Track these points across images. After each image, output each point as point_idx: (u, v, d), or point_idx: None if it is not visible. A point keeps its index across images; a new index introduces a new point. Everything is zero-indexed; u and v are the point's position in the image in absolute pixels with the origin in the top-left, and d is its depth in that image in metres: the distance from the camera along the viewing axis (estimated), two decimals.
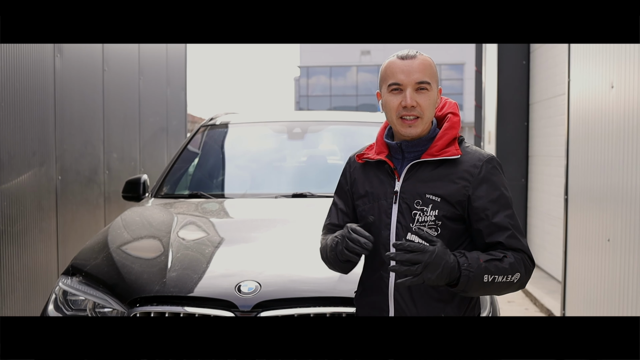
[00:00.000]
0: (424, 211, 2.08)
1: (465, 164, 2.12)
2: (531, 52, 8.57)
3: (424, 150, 2.15)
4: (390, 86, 2.12)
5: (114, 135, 6.97)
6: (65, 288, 2.89)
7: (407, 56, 2.12)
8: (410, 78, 2.09)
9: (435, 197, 2.08)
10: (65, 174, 5.69)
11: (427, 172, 2.12)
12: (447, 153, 2.11)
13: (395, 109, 2.11)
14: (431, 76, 2.12)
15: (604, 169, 4.68)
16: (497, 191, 2.10)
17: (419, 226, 2.08)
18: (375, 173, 2.21)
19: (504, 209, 2.10)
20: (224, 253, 2.98)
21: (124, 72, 7.33)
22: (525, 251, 2.10)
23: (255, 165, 4.39)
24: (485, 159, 2.13)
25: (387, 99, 2.13)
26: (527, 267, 2.10)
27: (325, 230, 2.33)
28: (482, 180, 2.10)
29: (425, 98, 2.10)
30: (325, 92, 45.99)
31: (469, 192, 2.09)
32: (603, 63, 4.73)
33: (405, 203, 2.11)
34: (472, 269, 1.97)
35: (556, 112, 7.40)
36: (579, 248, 5.24)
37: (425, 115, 2.11)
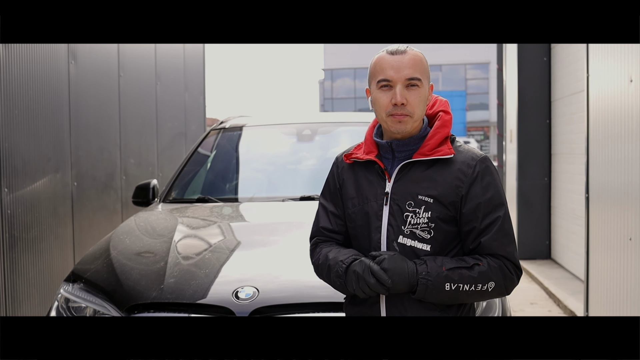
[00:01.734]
0: (416, 213, 2.01)
1: (458, 163, 2.04)
2: (552, 48, 8.42)
3: (415, 149, 2.08)
4: (380, 82, 2.04)
5: (131, 140, 6.99)
6: (66, 295, 2.87)
7: (397, 51, 2.05)
8: (400, 74, 2.02)
9: (428, 198, 2.01)
10: (81, 180, 5.70)
11: (419, 172, 2.04)
12: (440, 152, 2.04)
13: (385, 106, 2.04)
14: (422, 72, 2.05)
15: (624, 165, 4.54)
16: (489, 192, 2.03)
17: (411, 228, 2.01)
18: (364, 174, 2.13)
19: (494, 211, 2.03)
20: (223, 258, 2.93)
21: (140, 77, 7.35)
22: (508, 257, 2.02)
23: (263, 168, 4.34)
24: (479, 158, 2.06)
25: (377, 95, 2.06)
26: (507, 275, 2.01)
27: (317, 236, 2.23)
28: (476, 181, 2.02)
29: (416, 95, 2.03)
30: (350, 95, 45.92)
31: (462, 193, 2.01)
32: (621, 57, 4.60)
33: (396, 204, 2.03)
34: (430, 278, 1.94)
35: (578, 109, 7.25)
36: (601, 247, 5.11)
37: (416, 113, 2.04)
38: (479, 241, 2.01)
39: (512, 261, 2.02)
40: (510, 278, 2.01)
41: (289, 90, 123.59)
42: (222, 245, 3.10)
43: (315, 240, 2.24)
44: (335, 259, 2.07)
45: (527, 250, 8.54)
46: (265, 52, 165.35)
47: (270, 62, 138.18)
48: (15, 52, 4.52)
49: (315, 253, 2.22)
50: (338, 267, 2.04)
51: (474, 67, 41.88)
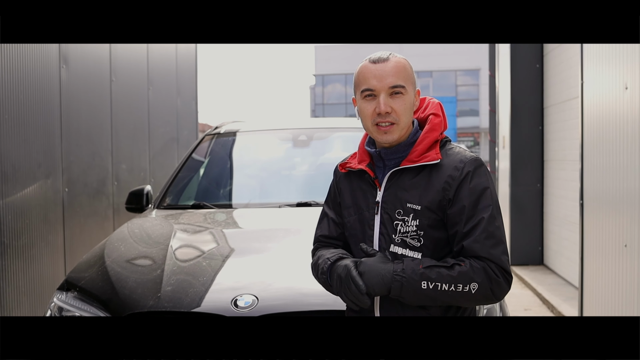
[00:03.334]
0: (405, 221, 1.99)
1: (446, 167, 2.00)
2: (544, 55, 8.43)
3: (404, 156, 2.05)
4: (364, 92, 2.02)
5: (123, 146, 6.93)
6: (60, 304, 2.81)
7: (379, 59, 2.02)
8: (383, 83, 1.99)
9: (416, 206, 1.98)
10: (72, 186, 5.64)
11: (408, 180, 2.02)
12: (427, 158, 2.01)
13: (370, 115, 2.02)
14: (406, 79, 2.02)
15: (619, 172, 4.54)
16: (476, 194, 1.97)
17: (402, 237, 1.99)
18: (358, 183, 2.12)
19: (478, 213, 1.96)
20: (221, 266, 2.88)
21: (132, 82, 7.29)
22: (493, 259, 1.93)
23: (259, 174, 4.30)
24: (468, 160, 2.01)
25: (362, 105, 2.04)
26: (492, 278, 1.92)
27: (317, 243, 2.23)
28: (463, 183, 1.98)
29: (401, 103, 2.00)
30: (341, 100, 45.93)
31: (450, 196, 1.98)
32: (616, 64, 4.60)
33: (387, 213, 2.02)
34: (404, 274, 1.90)
35: (571, 116, 7.26)
36: (596, 254, 5.10)
37: (402, 121, 2.01)
38: (462, 244, 1.95)
39: (497, 263, 1.93)
40: (496, 281, 1.92)
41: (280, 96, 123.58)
42: (220, 253, 3.05)
43: (315, 246, 2.25)
44: (323, 257, 2.08)
45: (519, 256, 8.54)
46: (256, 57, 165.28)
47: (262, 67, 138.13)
48: (5, 55, 4.46)
49: (313, 257, 2.22)
50: (324, 264, 2.05)
51: (464, 73, 41.99)
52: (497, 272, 1.93)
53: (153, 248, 3.10)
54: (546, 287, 7.31)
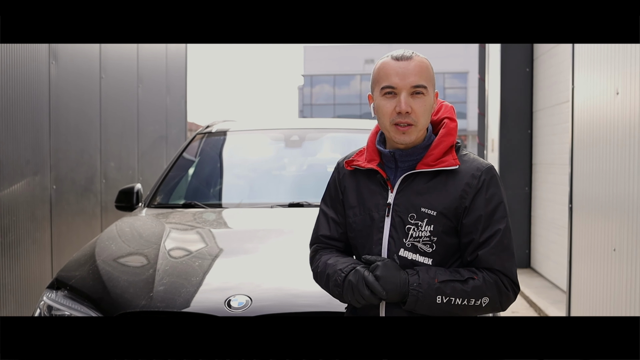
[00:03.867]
0: (419, 226, 1.95)
1: (464, 174, 1.97)
2: (535, 59, 8.47)
3: (419, 159, 2.01)
4: (384, 89, 1.96)
5: (112, 143, 6.88)
6: (49, 303, 2.77)
7: (403, 57, 1.97)
8: (405, 81, 1.94)
9: (431, 211, 1.94)
10: (60, 183, 5.59)
11: (423, 184, 1.97)
12: (444, 163, 1.96)
13: (389, 114, 1.96)
14: (428, 79, 1.97)
15: (609, 177, 4.56)
16: (491, 204, 1.96)
17: (413, 242, 1.95)
18: (366, 182, 2.05)
19: (495, 223, 1.96)
20: (214, 266, 2.85)
21: (122, 79, 7.25)
22: (505, 273, 1.95)
23: (251, 174, 4.27)
24: (485, 168, 1.98)
25: (380, 103, 1.98)
26: (503, 291, 1.94)
27: (317, 244, 2.15)
28: (480, 192, 1.95)
29: (421, 103, 1.95)
30: (329, 101, 45.95)
31: (466, 204, 1.95)
32: (608, 69, 4.62)
33: (398, 217, 1.97)
34: (421, 289, 1.88)
35: (560, 120, 7.29)
36: (584, 257, 5.12)
37: (420, 123, 1.96)
38: (477, 254, 1.94)
39: (509, 277, 1.95)
40: (505, 294, 1.95)
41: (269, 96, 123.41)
42: (212, 253, 3.03)
43: (315, 248, 2.16)
44: (334, 267, 2.01)
45: None
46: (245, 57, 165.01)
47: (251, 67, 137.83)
48: None
49: (314, 260, 2.14)
50: (337, 275, 1.98)
51: (452, 76, 42.13)
52: (507, 285, 1.96)
53: (145, 247, 3.07)
54: (533, 290, 7.34)
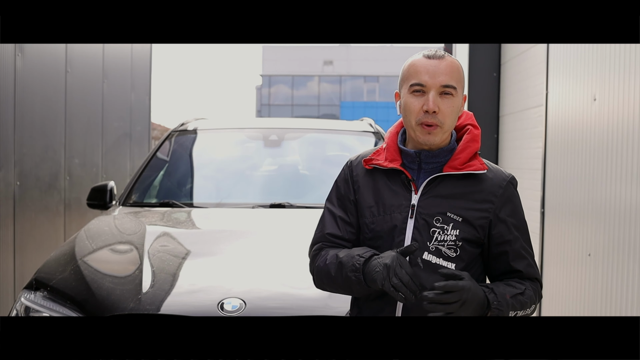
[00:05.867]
0: (444, 230, 1.91)
1: (489, 182, 1.95)
2: (502, 64, 8.56)
3: (444, 162, 1.96)
4: (412, 86, 1.91)
5: (76, 139, 6.69)
6: (27, 304, 2.65)
7: (435, 56, 1.93)
8: (435, 80, 1.89)
9: (458, 217, 1.91)
10: (25, 180, 5.40)
11: (449, 188, 1.93)
12: (472, 167, 1.93)
13: (416, 112, 1.91)
14: (458, 81, 1.93)
15: (584, 182, 4.60)
16: (518, 215, 1.99)
17: (437, 245, 1.91)
18: (386, 182, 1.98)
19: (523, 234, 1.99)
20: (205, 267, 2.76)
21: (87, 74, 7.06)
22: (540, 280, 2.03)
23: (229, 173, 4.18)
24: (509, 179, 2.00)
25: (408, 100, 1.93)
26: (540, 296, 2.03)
27: (323, 242, 2.03)
28: (506, 203, 1.95)
29: (449, 104, 1.91)
30: (287, 102, 45.93)
31: (492, 216, 1.93)
32: (585, 75, 4.67)
33: (423, 219, 1.91)
34: (501, 307, 1.87)
35: (528, 125, 7.36)
36: (557, 263, 5.17)
37: (446, 124, 1.91)
38: (519, 269, 1.97)
39: (541, 283, 2.04)
40: (540, 297, 2.04)
41: (227, 95, 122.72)
42: (199, 253, 2.93)
43: (320, 246, 2.04)
44: (349, 255, 1.91)
45: None
46: (204, 57, 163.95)
47: (209, 67, 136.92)
48: None
49: (318, 257, 2.01)
50: (355, 260, 1.87)
51: None
52: (540, 291, 2.03)
53: (127, 247, 2.96)
54: None
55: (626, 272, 3.94)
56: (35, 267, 5.42)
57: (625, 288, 3.94)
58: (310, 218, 3.46)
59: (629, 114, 3.95)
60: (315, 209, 3.56)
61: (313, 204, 3.66)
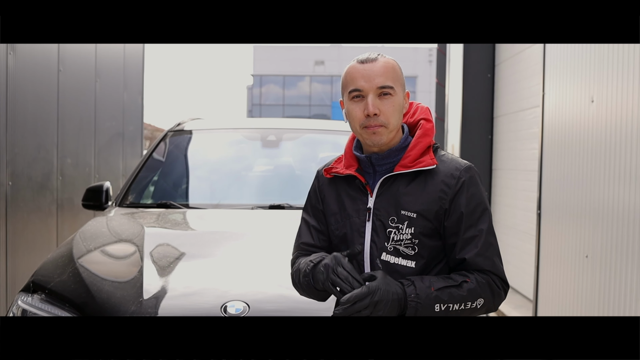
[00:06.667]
0: (400, 229, 1.92)
1: (442, 174, 1.94)
2: (496, 65, 8.55)
3: (396, 161, 1.98)
4: (351, 93, 1.95)
5: (69, 139, 6.62)
6: (24, 307, 2.59)
7: (368, 59, 1.95)
8: (371, 83, 1.92)
9: (411, 213, 1.92)
10: (17, 180, 5.33)
11: (402, 186, 1.95)
12: (422, 163, 1.94)
13: (359, 118, 1.94)
14: (395, 80, 1.95)
15: (582, 184, 4.59)
16: (473, 203, 1.94)
17: (395, 245, 1.92)
18: (345, 189, 2.03)
19: (478, 223, 1.94)
20: (207, 270, 2.72)
21: (80, 73, 6.99)
22: (496, 272, 1.93)
23: (227, 174, 4.13)
24: (463, 167, 1.96)
25: (349, 107, 1.96)
26: (495, 291, 1.92)
27: (298, 251, 2.11)
28: (460, 191, 1.93)
29: (389, 104, 1.93)
30: (278, 102, 45.84)
31: (446, 205, 1.92)
32: (582, 77, 4.66)
33: (379, 220, 1.94)
34: (419, 300, 1.83)
35: (523, 126, 7.36)
36: (553, 264, 5.16)
37: (391, 123, 1.93)
38: (464, 257, 1.92)
39: (499, 276, 1.94)
40: (498, 293, 1.94)
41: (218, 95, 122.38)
42: (200, 255, 2.89)
43: (296, 255, 2.13)
44: (305, 261, 1.97)
45: None
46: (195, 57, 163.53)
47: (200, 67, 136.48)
48: None
49: (293, 267, 2.10)
50: (306, 266, 1.94)
51: None
52: (499, 284, 1.94)
53: (126, 249, 2.92)
54: None
55: (624, 274, 3.93)
56: (27, 268, 5.36)
57: (623, 289, 3.93)
58: None
59: (627, 115, 3.94)
60: None
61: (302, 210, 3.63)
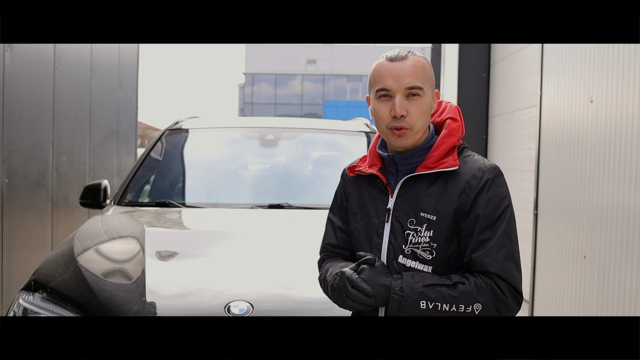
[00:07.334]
0: (418, 231, 1.87)
1: (464, 175, 1.88)
2: (492, 65, 8.56)
3: (419, 162, 1.93)
4: (378, 92, 1.90)
5: (64, 137, 6.59)
6: (26, 305, 2.58)
7: (397, 57, 1.89)
8: (399, 83, 1.87)
9: (431, 216, 1.87)
10: (13, 177, 5.30)
11: (423, 188, 1.90)
12: (444, 165, 1.88)
13: (385, 118, 1.90)
14: (424, 80, 1.89)
15: (580, 184, 4.61)
16: (493, 204, 1.85)
17: (412, 248, 1.87)
18: (367, 188, 2.00)
19: (493, 225, 1.84)
20: (210, 269, 2.71)
21: (75, 71, 6.95)
22: (504, 277, 1.81)
23: (226, 173, 4.12)
24: (487, 168, 1.89)
25: (376, 106, 1.92)
26: (500, 298, 1.80)
27: (324, 252, 2.10)
28: (480, 193, 1.85)
29: (417, 105, 1.88)
30: (270, 100, 45.80)
31: (466, 207, 1.86)
32: (580, 77, 4.67)
33: (398, 222, 1.90)
34: (403, 294, 1.79)
35: (518, 126, 7.37)
36: (550, 265, 5.17)
37: (417, 125, 1.89)
38: (470, 256, 1.84)
39: (507, 281, 1.81)
40: (503, 301, 1.81)
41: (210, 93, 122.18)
42: (202, 255, 2.88)
43: (322, 257, 2.10)
44: (331, 274, 1.93)
45: None
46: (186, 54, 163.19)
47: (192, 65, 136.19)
48: None
49: (320, 269, 2.08)
50: (333, 280, 1.89)
51: None
52: (505, 290, 1.82)
53: (128, 248, 2.90)
54: None
55: (622, 274, 3.94)
56: (22, 266, 5.33)
57: (622, 290, 3.95)
58: (309, 219, 3.44)
59: (626, 115, 3.95)
60: (313, 210, 3.53)
61: (311, 204, 3.63)
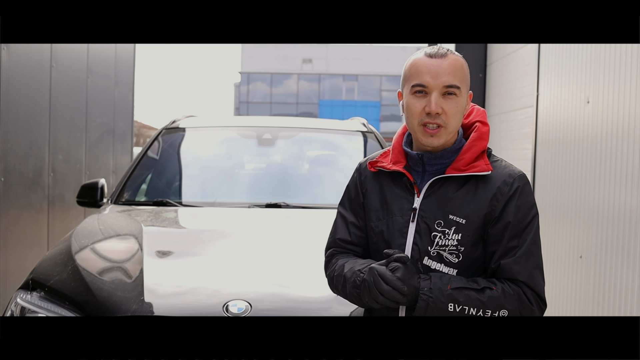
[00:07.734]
0: (446, 234, 1.85)
1: (495, 180, 1.87)
2: (488, 65, 8.58)
3: (449, 163, 1.91)
4: (414, 87, 1.86)
5: (60, 135, 6.57)
6: (23, 304, 2.57)
7: (437, 54, 1.86)
8: (437, 80, 1.83)
9: (460, 219, 1.85)
10: (9, 176, 5.29)
11: (452, 190, 1.88)
12: (476, 168, 1.86)
13: (418, 114, 1.86)
14: (462, 79, 1.87)
15: (576, 184, 4.62)
16: (522, 212, 1.85)
17: (438, 250, 1.85)
18: (390, 185, 1.95)
19: (522, 233, 1.84)
20: (208, 268, 2.71)
21: (72, 69, 6.94)
22: (530, 285, 1.82)
23: (223, 172, 4.11)
24: (517, 175, 1.88)
25: (410, 102, 1.88)
26: (526, 305, 1.81)
27: (334, 248, 2.03)
28: (511, 199, 1.85)
29: (453, 105, 1.85)
30: (266, 99, 45.76)
31: (496, 213, 1.85)
32: (578, 78, 4.68)
33: (424, 223, 1.87)
34: (432, 295, 1.77)
35: (514, 126, 7.39)
36: (546, 265, 5.16)
37: (451, 125, 1.86)
38: (499, 263, 1.83)
39: (533, 289, 1.83)
40: (529, 308, 1.82)
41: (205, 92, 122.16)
42: (200, 254, 2.88)
43: (332, 252, 2.04)
44: (351, 270, 1.89)
45: None
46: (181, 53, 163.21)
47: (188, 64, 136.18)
48: None
49: (330, 265, 2.02)
50: (355, 277, 1.86)
51: (389, 78, 42.67)
52: (531, 299, 1.83)
53: (126, 247, 2.90)
54: None
55: (619, 274, 3.96)
56: (18, 264, 5.31)
57: (618, 290, 3.96)
58: (306, 218, 3.44)
59: (623, 116, 3.96)
60: (310, 209, 3.53)
61: (308, 204, 3.63)
